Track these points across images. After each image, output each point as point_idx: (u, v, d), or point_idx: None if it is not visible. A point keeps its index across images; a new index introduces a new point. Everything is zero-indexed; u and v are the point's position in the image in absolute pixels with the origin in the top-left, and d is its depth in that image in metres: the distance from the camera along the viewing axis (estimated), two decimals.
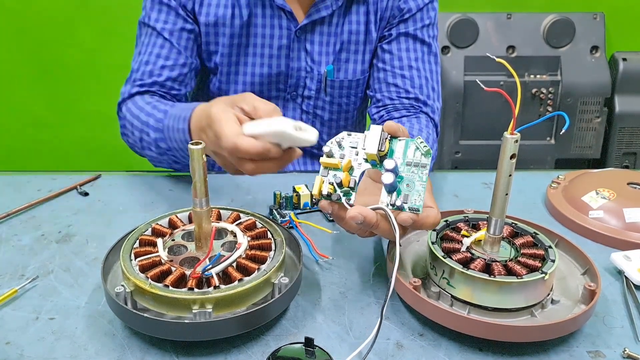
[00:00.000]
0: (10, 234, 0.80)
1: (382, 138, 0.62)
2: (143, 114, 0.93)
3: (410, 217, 0.60)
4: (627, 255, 0.73)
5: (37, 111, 2.22)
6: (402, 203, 0.60)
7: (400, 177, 0.62)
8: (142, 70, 1.00)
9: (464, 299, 0.61)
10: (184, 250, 0.66)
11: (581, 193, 0.88)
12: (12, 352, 0.57)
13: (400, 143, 0.63)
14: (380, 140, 0.62)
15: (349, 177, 0.62)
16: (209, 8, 1.00)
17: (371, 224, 0.59)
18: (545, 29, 2.10)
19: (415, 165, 0.62)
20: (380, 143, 0.62)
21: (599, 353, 0.59)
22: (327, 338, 0.60)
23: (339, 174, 0.63)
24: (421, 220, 0.61)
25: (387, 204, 0.61)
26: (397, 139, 0.64)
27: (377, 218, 0.60)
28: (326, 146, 0.64)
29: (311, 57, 1.05)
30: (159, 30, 1.00)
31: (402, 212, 0.60)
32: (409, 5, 1.04)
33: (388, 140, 0.63)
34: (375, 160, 0.63)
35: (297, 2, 1.02)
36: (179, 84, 1.02)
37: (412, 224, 0.60)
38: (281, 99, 1.09)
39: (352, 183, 0.62)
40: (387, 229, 0.61)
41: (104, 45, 2.12)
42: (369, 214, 0.59)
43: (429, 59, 1.08)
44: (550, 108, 2.11)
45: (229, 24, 1.00)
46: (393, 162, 0.61)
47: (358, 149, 0.64)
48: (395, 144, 0.63)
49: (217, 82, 1.06)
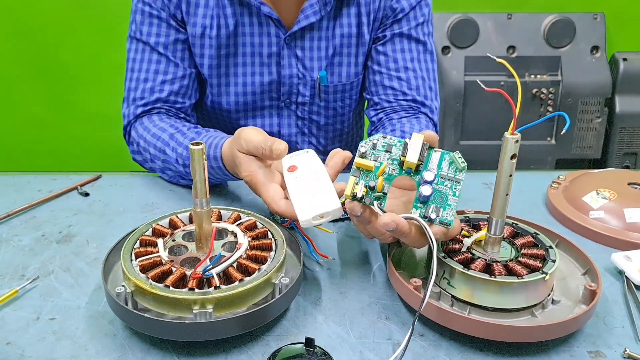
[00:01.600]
0: (11, 234, 0.80)
1: (423, 147, 0.62)
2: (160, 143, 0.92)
3: (441, 231, 0.61)
4: (627, 255, 0.73)
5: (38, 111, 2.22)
6: (435, 216, 0.60)
7: (434, 190, 0.62)
8: (141, 88, 0.98)
9: (464, 299, 0.61)
10: (185, 250, 0.66)
11: (582, 193, 0.87)
12: (13, 353, 0.57)
13: (436, 154, 0.63)
14: (422, 150, 0.62)
15: (382, 182, 0.62)
16: (195, 18, 0.98)
17: (402, 232, 0.59)
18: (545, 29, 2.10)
19: (450, 180, 0.62)
20: (422, 152, 0.62)
21: (599, 353, 0.59)
22: (328, 338, 0.60)
23: (373, 178, 0.62)
24: (449, 234, 0.62)
25: (421, 214, 0.61)
26: (433, 149, 0.63)
27: (408, 227, 0.60)
28: (362, 146, 0.63)
29: (302, 64, 1.03)
30: (153, 44, 0.98)
31: (433, 224, 0.60)
32: (401, 4, 1.02)
33: (426, 149, 0.63)
34: (411, 169, 0.62)
35: (285, 9, 0.99)
36: (182, 96, 1.00)
37: (443, 237, 0.62)
38: (275, 108, 1.07)
39: (386, 189, 0.62)
40: (415, 239, 0.61)
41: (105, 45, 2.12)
42: (402, 222, 0.59)
43: (425, 58, 1.06)
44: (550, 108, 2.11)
45: (214, 34, 0.98)
46: (432, 174, 0.61)
47: (393, 153, 0.63)
48: (431, 154, 0.63)
49: (209, 94, 1.05)
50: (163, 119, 0.97)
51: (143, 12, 0.97)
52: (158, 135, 0.93)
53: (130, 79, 1.00)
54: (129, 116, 1.00)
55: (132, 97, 0.99)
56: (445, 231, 0.61)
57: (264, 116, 1.07)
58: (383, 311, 0.65)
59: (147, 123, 0.96)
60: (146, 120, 0.97)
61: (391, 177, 0.63)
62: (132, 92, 0.99)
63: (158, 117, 0.98)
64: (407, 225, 0.59)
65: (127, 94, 1.01)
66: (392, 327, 0.63)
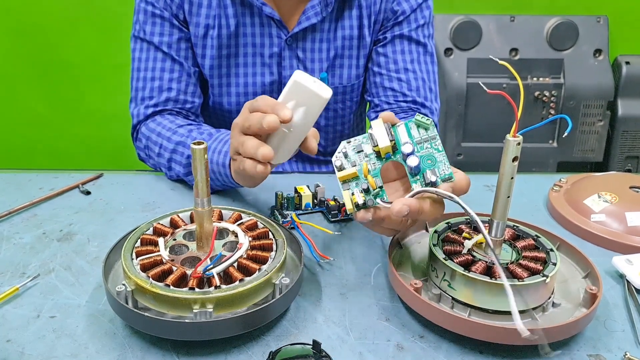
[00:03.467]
0: (12, 232, 0.80)
1: (387, 128, 0.63)
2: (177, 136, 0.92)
3: (448, 186, 0.61)
4: (628, 259, 0.73)
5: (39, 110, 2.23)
6: (436, 178, 0.61)
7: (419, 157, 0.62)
8: (149, 87, 0.98)
9: (464, 301, 0.61)
10: (185, 249, 0.66)
11: (583, 196, 0.87)
12: (13, 350, 0.58)
13: (401, 128, 0.64)
14: (387, 131, 0.63)
15: (373, 179, 0.62)
16: (198, 18, 0.98)
17: (416, 210, 0.59)
18: (548, 32, 2.10)
19: (425, 141, 0.63)
20: (388, 133, 0.63)
21: (599, 357, 0.59)
22: (328, 339, 0.60)
23: (363, 181, 0.63)
24: (458, 185, 0.63)
25: (422, 184, 0.62)
26: (395, 126, 0.64)
27: (420, 203, 0.60)
28: (336, 160, 0.64)
29: (304, 65, 1.03)
30: (157, 43, 0.98)
31: (438, 186, 0.61)
32: (402, 7, 1.02)
33: (391, 129, 0.64)
34: (389, 152, 0.63)
35: (286, 10, 0.99)
36: (191, 95, 1.00)
37: (452, 191, 0.61)
38: None
39: (379, 183, 0.63)
40: (433, 210, 0.62)
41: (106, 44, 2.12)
42: (412, 202, 0.59)
43: (425, 60, 1.06)
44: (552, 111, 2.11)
45: (216, 34, 0.98)
46: (410, 145, 0.62)
47: (365, 150, 0.64)
48: (396, 130, 0.64)
49: (211, 95, 1.04)
50: (178, 118, 0.98)
51: (146, 11, 0.98)
52: (174, 130, 0.93)
53: (137, 78, 1.00)
54: (138, 116, 0.99)
55: (141, 96, 0.99)
56: (452, 185, 0.62)
57: None
58: (383, 312, 0.65)
59: (161, 119, 0.97)
60: (159, 118, 0.97)
61: (377, 170, 0.64)
62: (140, 91, 0.99)
63: (172, 116, 0.98)
64: (418, 202, 0.60)
65: (135, 94, 1.00)
66: (392, 328, 0.63)
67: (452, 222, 0.70)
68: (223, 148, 0.84)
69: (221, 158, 0.83)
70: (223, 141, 0.85)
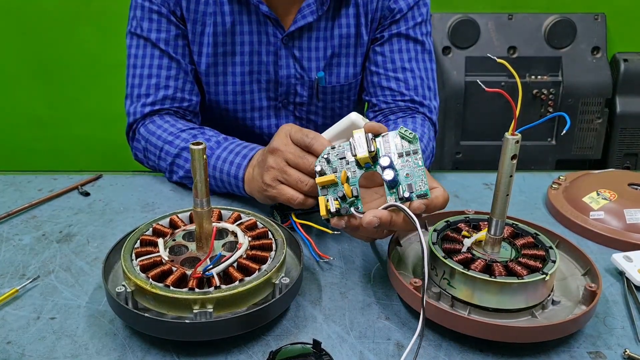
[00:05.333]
0: (12, 233, 0.80)
1: (368, 139, 0.63)
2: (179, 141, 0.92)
3: (422, 203, 0.61)
4: (627, 256, 0.73)
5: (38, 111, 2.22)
6: (410, 193, 0.61)
7: (398, 170, 0.63)
8: (146, 84, 0.97)
9: (464, 299, 0.61)
10: (185, 250, 0.66)
11: (582, 194, 0.87)
12: (13, 352, 0.58)
13: (385, 138, 0.64)
14: (367, 142, 0.63)
15: (349, 187, 0.63)
16: (195, 15, 0.97)
17: (387, 223, 0.60)
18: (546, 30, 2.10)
19: (407, 154, 0.63)
20: (368, 144, 0.63)
21: (599, 354, 0.59)
22: (328, 338, 0.60)
23: (339, 188, 0.63)
24: (432, 203, 0.63)
25: (395, 199, 0.62)
26: (380, 136, 0.65)
27: (391, 216, 0.61)
28: (317, 165, 0.65)
29: (300, 64, 1.02)
30: (154, 40, 0.97)
31: (412, 201, 0.61)
32: (399, 5, 1.02)
33: (373, 140, 0.64)
34: (369, 162, 0.64)
35: (282, 9, 0.99)
36: (188, 93, 1.00)
37: (425, 209, 0.62)
38: (272, 108, 1.07)
39: (355, 192, 0.63)
40: (402, 223, 0.62)
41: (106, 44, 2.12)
42: (383, 214, 0.60)
43: (423, 58, 1.05)
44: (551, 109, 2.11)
45: (211, 32, 0.97)
46: (388, 158, 0.62)
47: (347, 157, 0.65)
48: (380, 141, 0.64)
49: (207, 93, 1.04)
50: (178, 120, 0.97)
51: (143, 7, 0.97)
52: (177, 134, 0.93)
53: (132, 75, 0.99)
54: (134, 114, 0.98)
55: (137, 93, 0.98)
56: (426, 202, 0.61)
57: (262, 116, 1.07)
58: (383, 311, 0.65)
59: (161, 122, 0.96)
60: (158, 120, 0.96)
61: (356, 179, 0.64)
62: (135, 88, 0.98)
63: (171, 117, 0.97)
64: (389, 215, 0.60)
65: (131, 91, 0.99)
66: (391, 327, 0.63)
67: (451, 221, 0.70)
68: (235, 159, 0.84)
69: (233, 170, 0.84)
70: (234, 152, 0.85)
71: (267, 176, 0.74)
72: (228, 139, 0.90)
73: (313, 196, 0.71)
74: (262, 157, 0.78)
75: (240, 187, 0.84)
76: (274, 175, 0.73)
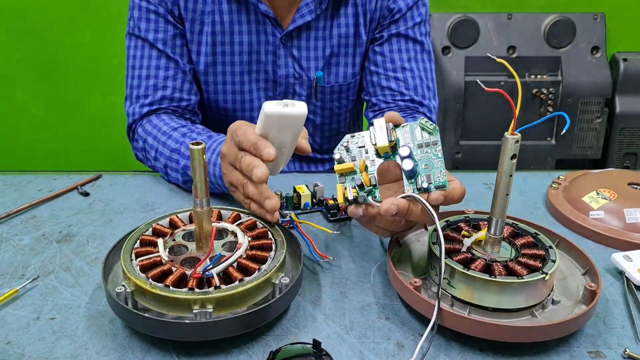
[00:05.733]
0: (11, 234, 0.80)
1: (388, 129, 0.63)
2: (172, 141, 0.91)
3: (440, 194, 0.61)
4: (627, 255, 0.73)
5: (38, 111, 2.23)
6: (428, 184, 0.61)
7: (417, 161, 0.62)
8: (144, 85, 0.97)
9: (464, 299, 0.61)
10: (185, 250, 0.66)
11: (582, 193, 0.87)
12: (13, 352, 0.58)
13: (405, 129, 0.64)
14: (388, 131, 0.63)
15: (367, 176, 0.63)
16: (194, 14, 0.97)
17: (405, 211, 0.60)
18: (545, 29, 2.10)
19: (427, 145, 0.63)
20: (388, 133, 0.63)
21: (599, 353, 0.59)
22: (328, 338, 0.60)
23: (358, 176, 0.63)
24: (450, 194, 0.62)
25: (413, 189, 0.62)
26: (400, 126, 0.64)
27: (409, 205, 0.60)
28: (336, 153, 0.64)
29: (299, 64, 1.02)
30: (152, 40, 0.97)
31: (430, 192, 0.61)
32: (398, 5, 1.02)
33: (393, 129, 0.64)
34: (388, 152, 0.64)
35: (281, 8, 0.99)
36: (187, 93, 1.00)
37: (443, 200, 0.62)
38: None
39: (373, 180, 0.63)
40: (419, 213, 0.62)
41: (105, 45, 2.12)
42: (401, 202, 0.60)
43: (422, 58, 1.06)
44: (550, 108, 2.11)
45: (209, 31, 0.98)
46: (408, 148, 0.62)
47: (367, 146, 0.65)
48: (400, 131, 0.64)
49: (205, 93, 1.04)
50: (173, 118, 0.97)
51: (140, 7, 0.97)
52: (169, 134, 0.93)
53: (131, 76, 0.99)
54: (133, 115, 0.99)
55: (136, 94, 0.98)
56: (444, 193, 0.62)
57: None
58: (383, 311, 0.65)
59: (157, 121, 0.96)
60: (155, 119, 0.97)
61: (374, 168, 0.64)
62: (134, 89, 0.99)
63: (167, 116, 0.97)
64: (407, 203, 0.60)
65: (130, 92, 1.00)
66: (392, 327, 0.63)
67: (451, 220, 0.70)
68: (217, 160, 0.83)
69: (217, 170, 0.83)
70: (217, 152, 0.84)
71: (225, 182, 0.74)
72: (213, 137, 0.89)
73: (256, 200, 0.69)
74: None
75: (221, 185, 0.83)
76: (228, 179, 0.73)
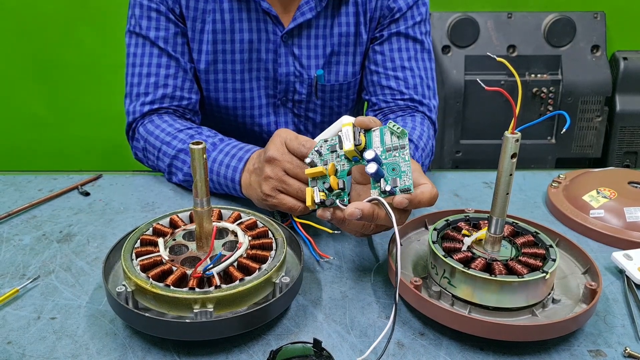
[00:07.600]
0: (12, 233, 0.80)
1: (355, 133, 0.63)
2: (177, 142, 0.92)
3: (404, 198, 0.61)
4: (628, 254, 0.73)
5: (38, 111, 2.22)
6: (393, 187, 0.62)
7: (385, 164, 0.63)
8: (145, 83, 0.97)
9: (465, 298, 0.61)
10: (185, 249, 0.66)
11: (582, 192, 0.88)
12: (14, 352, 0.58)
13: (375, 133, 0.65)
14: (355, 135, 0.63)
15: (336, 179, 0.63)
16: (195, 12, 0.97)
17: (370, 215, 0.61)
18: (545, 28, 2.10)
19: (395, 149, 0.63)
20: (355, 138, 0.63)
21: (600, 352, 0.59)
22: (328, 337, 0.61)
23: (327, 180, 0.64)
24: (417, 198, 0.62)
25: (378, 192, 0.62)
26: (371, 130, 0.65)
27: (374, 209, 0.61)
28: (308, 157, 0.66)
29: (300, 62, 1.02)
30: (153, 38, 0.97)
31: (395, 196, 0.61)
32: (398, 4, 1.02)
33: (362, 133, 0.64)
34: (357, 156, 0.64)
35: (282, 6, 0.99)
36: (188, 91, 1.00)
37: (409, 203, 0.62)
38: (271, 105, 1.07)
39: (341, 184, 0.63)
40: (385, 217, 0.62)
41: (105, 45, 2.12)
42: (365, 206, 0.61)
43: (422, 57, 1.05)
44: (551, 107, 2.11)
45: (210, 29, 0.97)
46: (372, 152, 0.62)
47: (337, 151, 0.65)
48: (371, 135, 0.65)
49: (205, 91, 1.04)
50: (176, 120, 0.97)
51: (142, 5, 0.97)
52: (174, 135, 0.92)
53: (132, 74, 0.99)
54: (134, 113, 0.98)
55: (136, 92, 0.98)
56: (409, 197, 0.62)
57: (261, 114, 1.07)
58: (383, 310, 0.65)
59: (159, 122, 0.96)
60: (157, 120, 0.96)
61: (344, 172, 0.64)
62: (134, 87, 0.98)
63: (170, 117, 0.97)
64: (372, 207, 0.61)
65: (130, 90, 0.99)
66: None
67: (451, 220, 0.70)
68: (231, 162, 0.84)
69: (230, 173, 0.84)
70: (230, 154, 0.85)
71: (266, 186, 0.73)
72: (224, 140, 0.90)
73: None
74: (258, 165, 0.77)
75: (238, 190, 0.84)
76: (273, 185, 0.73)
